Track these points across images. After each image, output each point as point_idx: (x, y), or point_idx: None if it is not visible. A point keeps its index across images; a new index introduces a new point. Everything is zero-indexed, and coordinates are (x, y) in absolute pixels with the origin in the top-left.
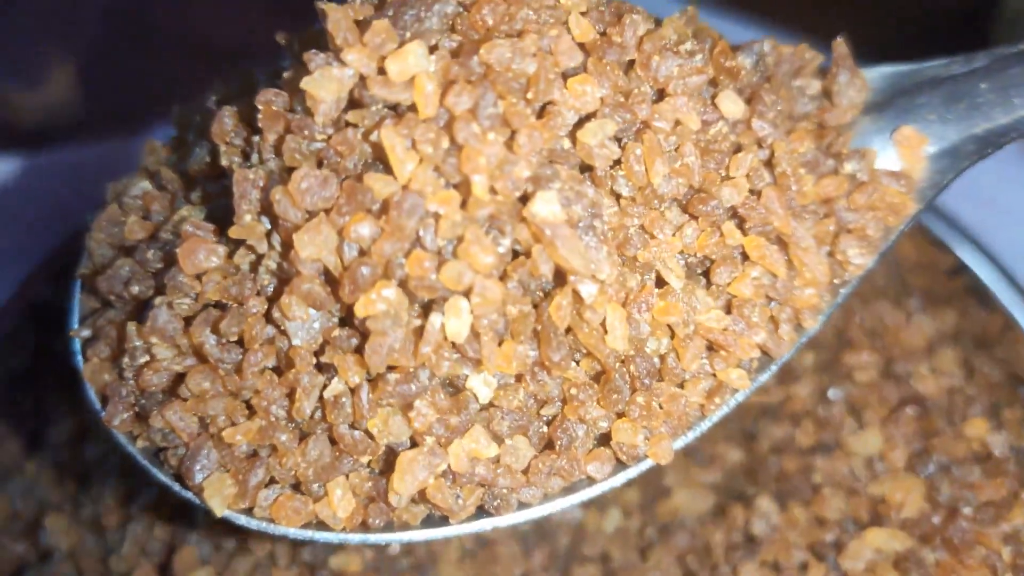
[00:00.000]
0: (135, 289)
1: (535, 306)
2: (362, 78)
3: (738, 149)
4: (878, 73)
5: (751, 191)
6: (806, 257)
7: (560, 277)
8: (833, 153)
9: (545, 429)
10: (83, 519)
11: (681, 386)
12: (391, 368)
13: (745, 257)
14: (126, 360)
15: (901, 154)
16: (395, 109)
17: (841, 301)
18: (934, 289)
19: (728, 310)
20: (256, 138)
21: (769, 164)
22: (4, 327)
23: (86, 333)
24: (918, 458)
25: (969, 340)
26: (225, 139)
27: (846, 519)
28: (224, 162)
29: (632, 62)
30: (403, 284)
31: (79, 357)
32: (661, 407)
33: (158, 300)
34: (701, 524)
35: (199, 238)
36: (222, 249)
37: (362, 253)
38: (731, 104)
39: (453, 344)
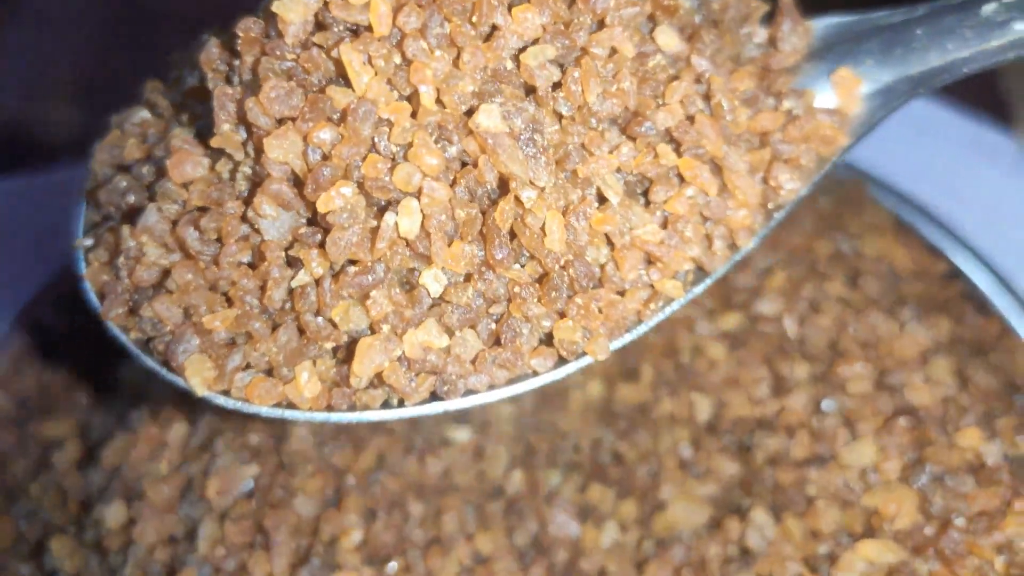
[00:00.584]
0: (131, 199)
1: (482, 213)
2: (325, 2)
3: (675, 80)
4: (824, 23)
5: (687, 117)
6: (738, 180)
7: (504, 186)
8: (773, 92)
9: (493, 326)
10: (86, 542)
11: (621, 294)
12: (351, 262)
13: (682, 179)
14: (121, 260)
15: (837, 94)
16: (355, 32)
17: (774, 224)
18: (929, 297)
19: (665, 226)
20: (237, 62)
21: (707, 97)
22: (7, 353)
23: (88, 242)
24: (911, 469)
25: (964, 348)
26: (211, 66)
27: (840, 531)
28: (210, 86)
29: None
30: (361, 186)
31: (82, 264)
32: (600, 311)
33: (150, 205)
34: (697, 537)
35: (186, 151)
36: (206, 161)
37: (324, 158)
38: (667, 38)
39: (406, 242)
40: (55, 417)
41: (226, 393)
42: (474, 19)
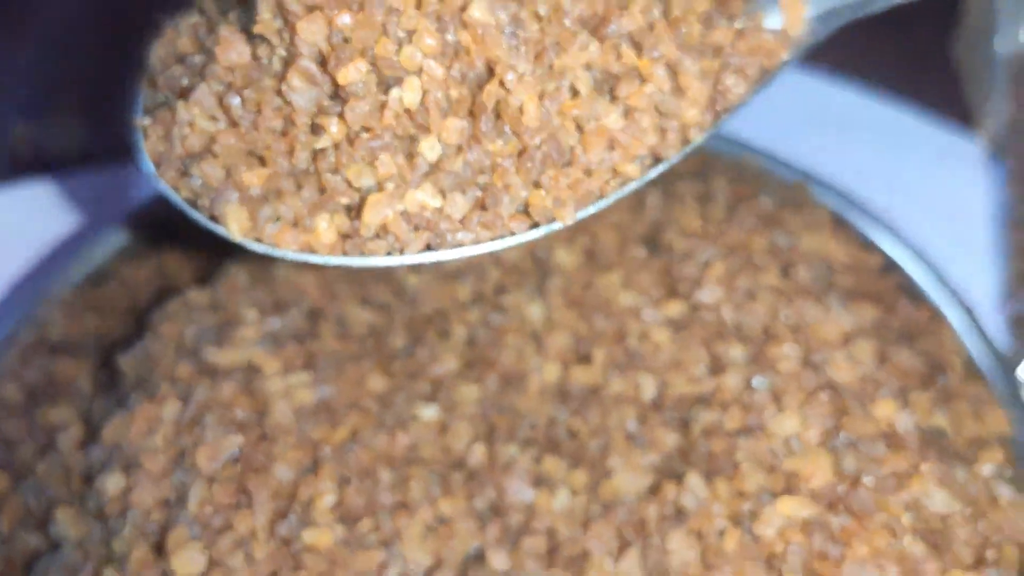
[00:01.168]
0: (185, 82)
1: (472, 95)
2: None
3: None
4: None
5: (648, 25)
6: (690, 82)
7: (491, 72)
8: (727, 15)
9: (479, 193)
10: (89, 511)
11: (588, 174)
12: (364, 129)
13: (642, 79)
14: (176, 130)
15: (784, 16)
16: None
17: (721, 123)
18: (860, 287)
19: (626, 117)
20: None
21: (666, 13)
22: (15, 348)
23: (147, 121)
24: (828, 435)
25: (890, 332)
26: None
27: (762, 491)
28: None
29: None
30: (373, 64)
31: (140, 139)
32: (569, 187)
33: (201, 84)
34: (639, 500)
35: (232, 40)
36: (248, 49)
37: (344, 40)
38: None
39: (409, 114)
40: (60, 404)
41: (258, 240)
42: None
